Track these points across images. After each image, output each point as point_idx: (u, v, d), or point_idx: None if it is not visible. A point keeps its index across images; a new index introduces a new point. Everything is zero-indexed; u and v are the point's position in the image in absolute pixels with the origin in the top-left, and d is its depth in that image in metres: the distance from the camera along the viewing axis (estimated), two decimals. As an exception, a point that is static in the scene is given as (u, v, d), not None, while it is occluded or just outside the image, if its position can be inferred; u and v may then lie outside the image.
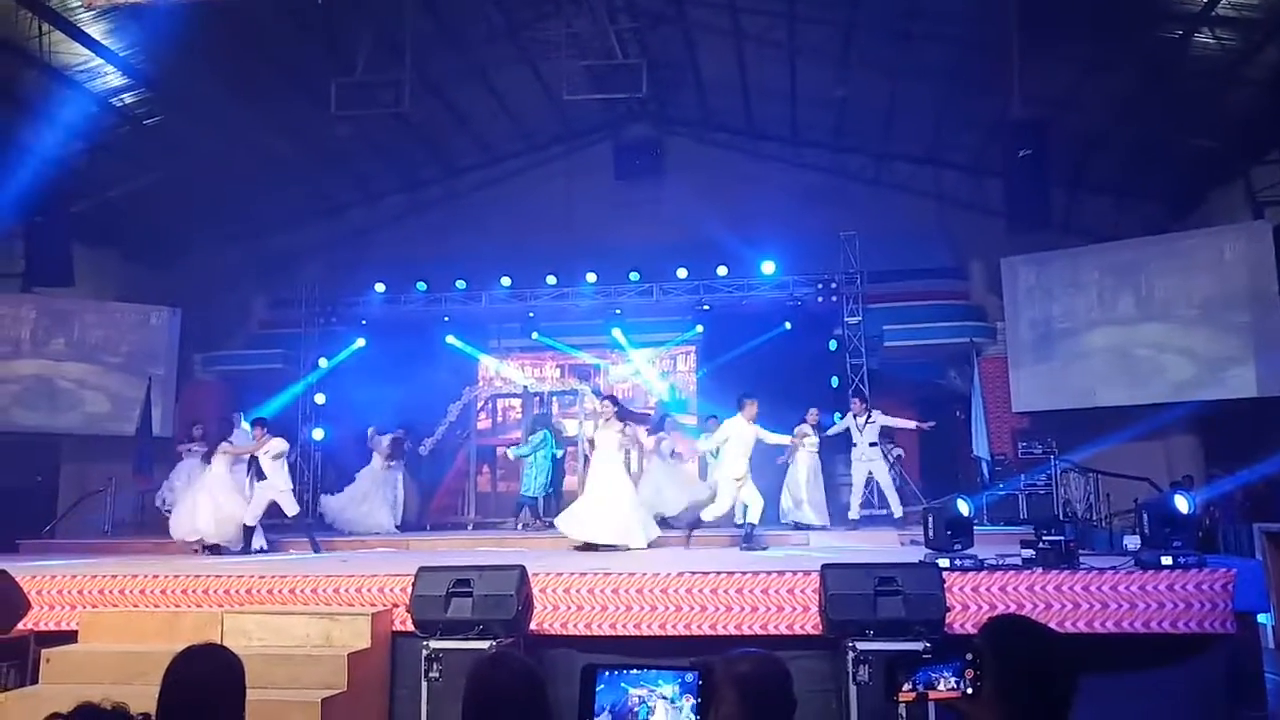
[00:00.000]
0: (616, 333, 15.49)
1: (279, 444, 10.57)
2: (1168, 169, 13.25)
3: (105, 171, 13.61)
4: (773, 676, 2.38)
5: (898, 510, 11.34)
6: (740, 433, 9.63)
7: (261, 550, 10.22)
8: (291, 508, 10.52)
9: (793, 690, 2.42)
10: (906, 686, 2.40)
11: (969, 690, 2.32)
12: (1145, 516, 6.38)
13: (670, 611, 6.15)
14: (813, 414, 11.80)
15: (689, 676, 2.17)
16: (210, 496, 10.19)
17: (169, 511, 11.33)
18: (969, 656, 2.26)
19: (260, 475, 10.49)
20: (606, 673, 2.20)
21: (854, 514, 11.65)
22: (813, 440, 11.61)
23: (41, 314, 14.68)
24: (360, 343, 15.36)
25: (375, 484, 12.47)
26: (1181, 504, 6.42)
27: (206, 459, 10.68)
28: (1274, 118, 10.84)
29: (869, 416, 11.82)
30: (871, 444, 11.70)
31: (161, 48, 11.80)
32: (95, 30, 11.30)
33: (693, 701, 2.16)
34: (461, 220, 15.78)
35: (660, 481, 11.72)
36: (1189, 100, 11.45)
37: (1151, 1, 10.41)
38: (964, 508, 6.93)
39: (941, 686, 2.39)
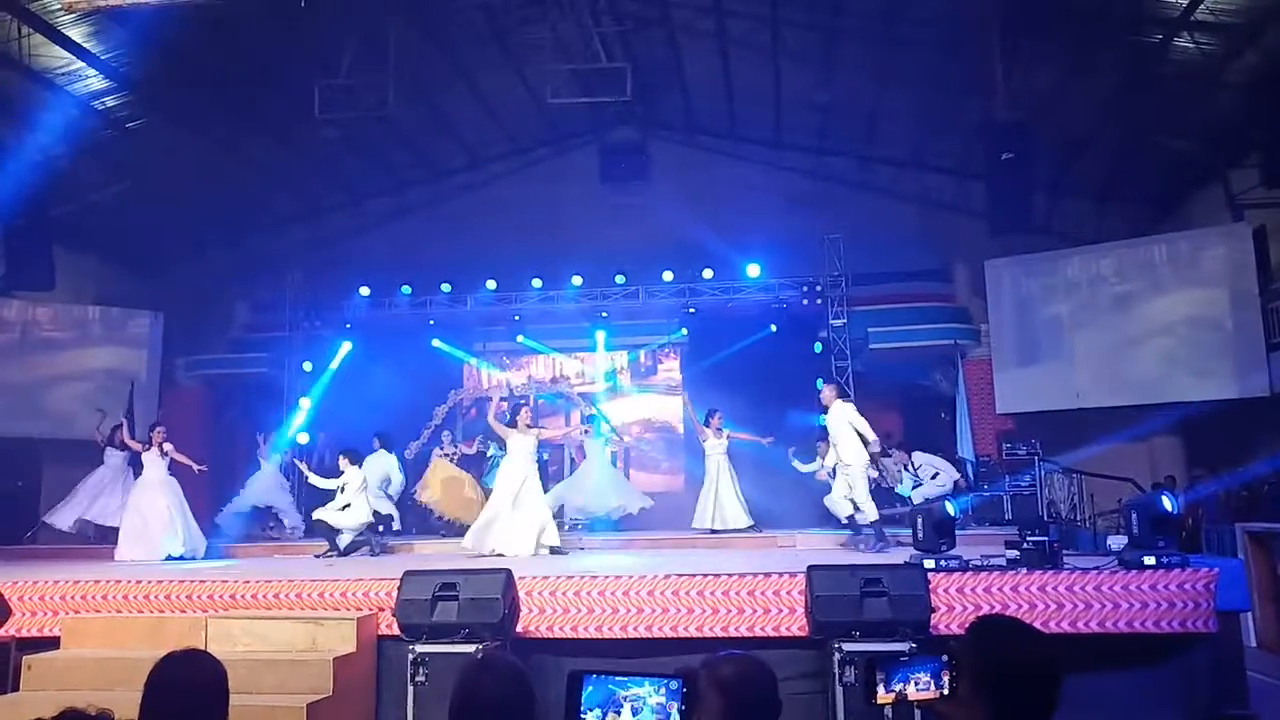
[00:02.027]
0: (600, 336, 15.47)
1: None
2: (1149, 172, 13.35)
3: (87, 175, 13.52)
4: (757, 679, 2.38)
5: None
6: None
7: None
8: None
9: (777, 692, 2.42)
10: (883, 689, 2.40)
11: (945, 691, 2.33)
12: (1134, 516, 6.40)
13: (656, 614, 6.15)
14: (717, 417, 11.75)
15: (673, 684, 2.18)
16: (176, 503, 10.19)
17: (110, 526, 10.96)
18: (945, 657, 2.27)
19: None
20: (592, 678, 2.20)
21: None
22: (719, 443, 11.58)
23: (21, 318, 14.56)
24: (347, 347, 15.30)
25: (276, 488, 12.68)
26: (1167, 504, 6.47)
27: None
28: (1252, 121, 10.94)
29: None
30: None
31: (143, 51, 11.75)
32: (76, 33, 11.22)
33: (678, 707, 2.16)
34: (446, 223, 15.75)
35: (600, 479, 12.03)
36: (1169, 104, 11.55)
37: (1132, 6, 10.49)
38: (950, 509, 6.96)
39: (918, 688, 2.39)
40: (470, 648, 5.35)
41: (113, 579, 6.85)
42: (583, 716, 2.16)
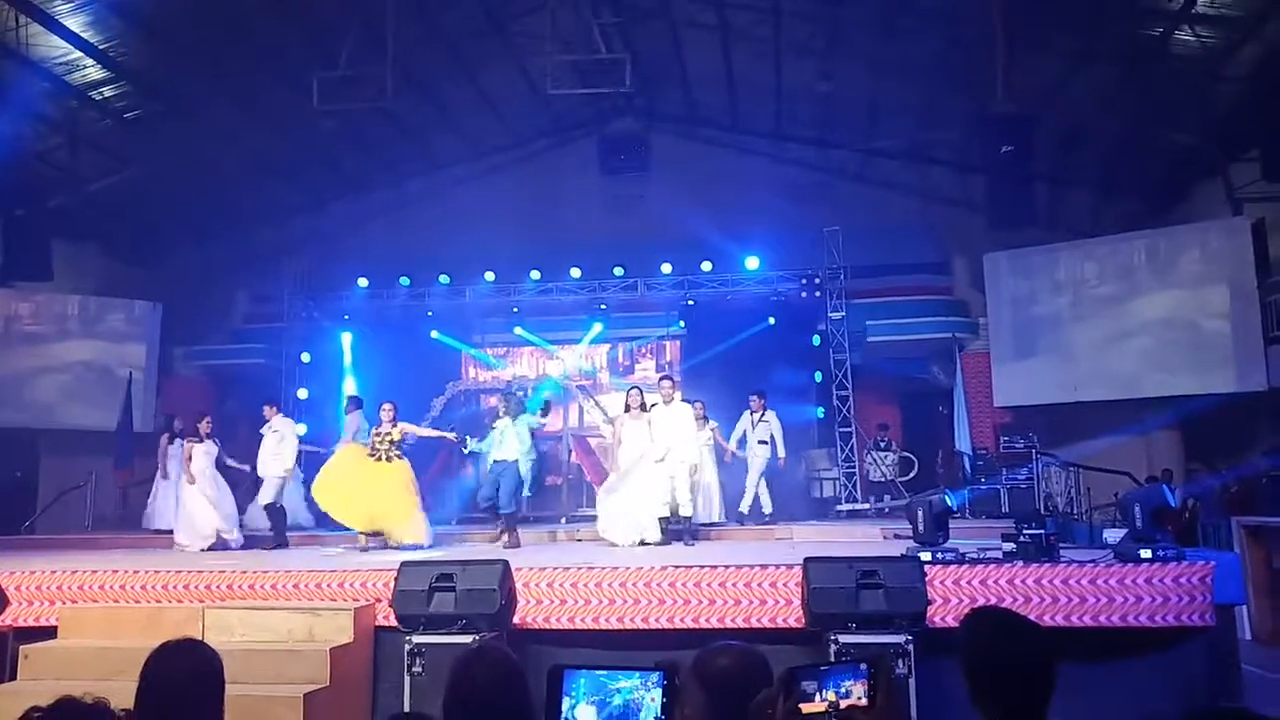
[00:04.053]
0: (597, 328, 15.45)
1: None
2: (1149, 165, 13.34)
3: (85, 165, 13.52)
4: (748, 670, 2.38)
5: (768, 507, 11.34)
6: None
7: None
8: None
9: (771, 683, 2.41)
10: (818, 698, 2.34)
11: (864, 701, 2.29)
12: (1136, 509, 6.39)
13: (653, 605, 6.16)
14: (699, 406, 11.26)
15: (654, 676, 2.17)
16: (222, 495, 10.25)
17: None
18: (863, 666, 2.25)
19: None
20: (573, 673, 2.19)
21: (745, 507, 11.36)
22: (702, 434, 11.07)
23: (20, 309, 14.56)
24: (348, 338, 15.32)
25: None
26: (1168, 497, 6.51)
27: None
28: (1253, 115, 10.91)
29: (763, 415, 11.48)
30: (761, 442, 11.36)
31: (141, 41, 11.74)
32: (74, 23, 11.20)
33: (660, 700, 2.15)
34: (445, 215, 15.73)
35: None
36: (1170, 97, 11.54)
37: (1132, -1, 10.49)
38: (949, 502, 6.98)
39: (842, 696, 2.33)
40: (467, 639, 5.35)
41: (110, 569, 6.85)
42: (564, 712, 2.16)
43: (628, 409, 9.60)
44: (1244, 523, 10.48)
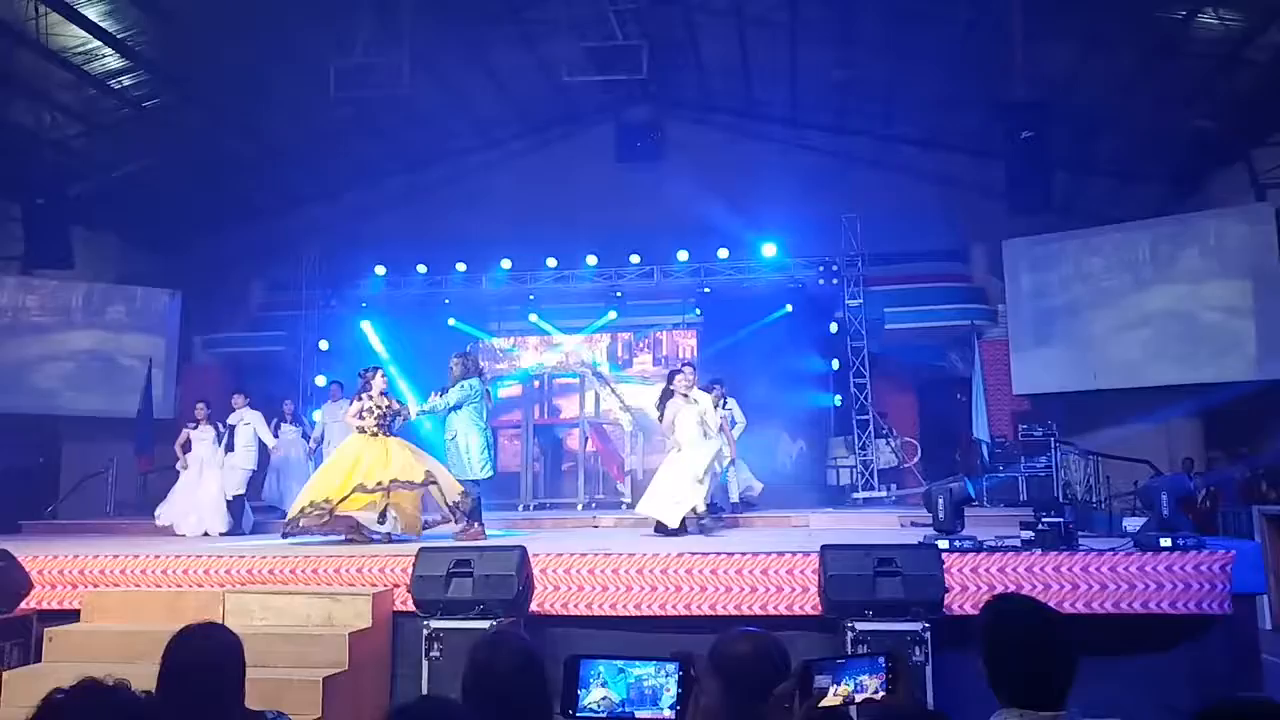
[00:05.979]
0: (612, 316, 15.45)
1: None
2: (1170, 151, 13.20)
3: (105, 154, 13.60)
4: (768, 657, 2.39)
5: (735, 495, 11.01)
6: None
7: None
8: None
9: (789, 669, 2.42)
10: (834, 690, 2.32)
11: (880, 694, 2.27)
12: (1163, 497, 6.35)
13: (670, 592, 6.16)
14: (718, 388, 10.89)
15: (670, 666, 2.17)
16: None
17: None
18: (880, 660, 2.23)
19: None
20: (589, 662, 2.20)
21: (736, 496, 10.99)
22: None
23: (41, 297, 14.69)
24: (368, 326, 15.42)
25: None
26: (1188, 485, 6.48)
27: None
28: (1276, 99, 10.80)
29: (724, 402, 11.03)
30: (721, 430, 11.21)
31: (159, 30, 11.78)
32: (92, 12, 11.25)
33: (675, 690, 2.16)
34: (462, 202, 15.72)
35: None
36: (1191, 81, 11.41)
37: (1155, -18, 10.37)
38: (970, 490, 6.95)
39: (869, 690, 2.31)
40: (484, 624, 5.37)
41: (131, 554, 6.92)
42: (580, 701, 2.16)
43: (677, 392, 9.05)
44: (1265, 511, 10.40)
